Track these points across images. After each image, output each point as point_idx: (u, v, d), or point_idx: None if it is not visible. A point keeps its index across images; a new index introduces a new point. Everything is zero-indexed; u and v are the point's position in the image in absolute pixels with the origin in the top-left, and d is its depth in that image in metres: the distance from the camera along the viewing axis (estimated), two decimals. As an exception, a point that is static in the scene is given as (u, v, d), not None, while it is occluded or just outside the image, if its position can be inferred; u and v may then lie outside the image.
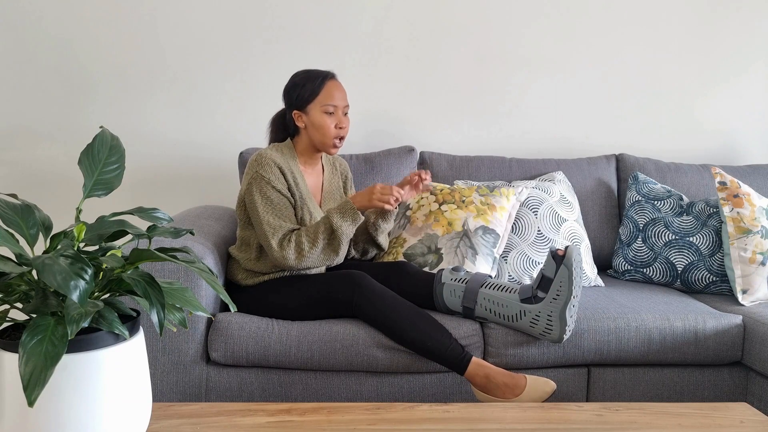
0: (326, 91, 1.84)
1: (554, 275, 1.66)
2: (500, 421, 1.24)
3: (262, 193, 1.78)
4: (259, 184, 1.78)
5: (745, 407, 1.33)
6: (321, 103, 1.84)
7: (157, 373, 1.71)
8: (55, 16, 2.47)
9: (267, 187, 1.78)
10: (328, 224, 1.76)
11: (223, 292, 0.95)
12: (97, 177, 0.99)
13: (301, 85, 1.86)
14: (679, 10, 2.61)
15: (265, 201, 1.77)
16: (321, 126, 1.84)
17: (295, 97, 1.87)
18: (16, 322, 0.94)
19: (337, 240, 1.76)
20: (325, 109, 1.83)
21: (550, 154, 2.62)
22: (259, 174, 1.78)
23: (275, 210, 1.77)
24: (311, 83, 1.85)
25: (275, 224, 1.76)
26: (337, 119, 1.85)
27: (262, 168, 1.79)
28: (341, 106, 1.86)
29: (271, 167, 1.79)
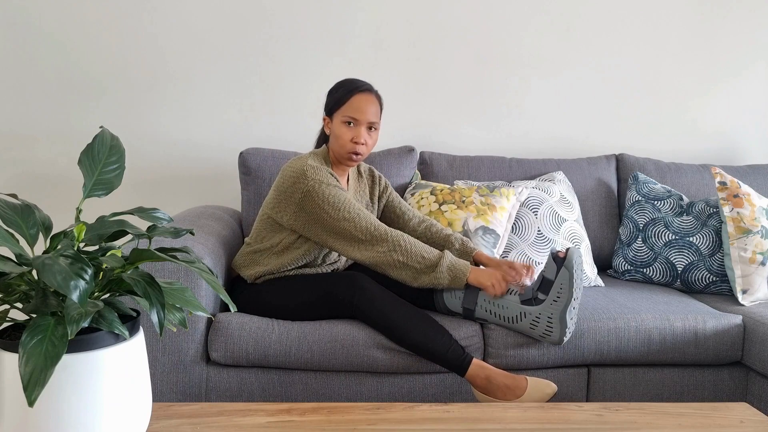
0: (351, 102, 1.79)
1: (555, 277, 1.66)
2: (500, 421, 1.24)
3: (329, 195, 1.74)
4: (320, 190, 1.74)
5: (745, 407, 1.33)
6: (343, 113, 1.80)
7: (157, 373, 1.70)
8: (55, 16, 2.47)
9: (330, 188, 1.74)
10: (435, 262, 1.73)
11: (223, 292, 0.95)
12: (97, 177, 0.99)
13: (335, 90, 1.84)
14: (679, 9, 2.61)
15: (335, 202, 1.73)
16: (338, 136, 1.80)
17: (327, 102, 1.86)
18: (16, 322, 0.94)
19: (428, 281, 1.73)
20: (345, 119, 1.79)
21: (550, 154, 2.62)
22: (317, 180, 1.74)
23: (349, 207, 1.74)
24: (342, 91, 1.82)
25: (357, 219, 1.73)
26: (355, 133, 1.79)
27: (317, 175, 1.75)
28: (364, 121, 1.80)
29: (324, 172, 1.77)
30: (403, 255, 1.72)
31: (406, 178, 2.35)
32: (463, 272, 1.72)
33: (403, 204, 2.03)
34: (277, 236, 1.84)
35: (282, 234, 1.84)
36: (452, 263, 1.73)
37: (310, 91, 2.55)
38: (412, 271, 1.73)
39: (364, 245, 1.73)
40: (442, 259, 1.73)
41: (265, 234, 1.86)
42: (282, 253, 1.84)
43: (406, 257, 1.72)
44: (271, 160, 2.25)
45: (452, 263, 1.73)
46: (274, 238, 1.84)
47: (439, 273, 1.71)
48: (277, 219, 1.83)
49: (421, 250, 1.73)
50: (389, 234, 1.74)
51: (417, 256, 1.72)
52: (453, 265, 1.73)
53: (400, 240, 1.73)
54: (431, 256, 1.73)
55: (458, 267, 1.73)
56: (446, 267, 1.72)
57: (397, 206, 2.01)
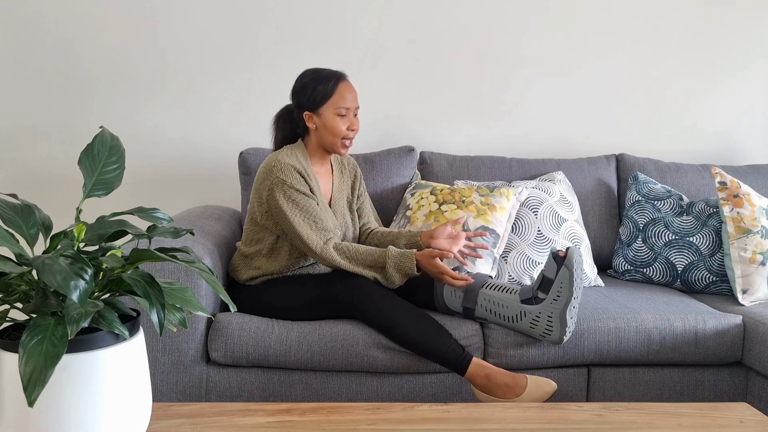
0: (339, 93, 1.82)
1: (555, 276, 1.66)
2: (500, 421, 1.24)
3: (288, 197, 1.76)
4: (282, 189, 1.76)
5: (745, 407, 1.32)
6: (334, 105, 1.81)
7: (157, 373, 1.70)
8: (55, 15, 2.47)
9: (291, 191, 1.76)
10: (381, 265, 1.75)
11: (223, 292, 0.95)
12: (97, 177, 0.99)
13: (312, 86, 1.83)
14: (679, 9, 2.61)
15: (293, 205, 1.76)
16: (333, 128, 1.82)
17: (306, 99, 1.84)
18: (16, 322, 0.94)
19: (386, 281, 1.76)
20: (338, 111, 1.81)
21: (550, 154, 2.62)
22: (280, 179, 1.76)
23: (306, 213, 1.77)
24: (323, 85, 1.82)
25: (310, 230, 1.76)
26: (349, 121, 1.84)
27: (282, 173, 1.77)
28: (353, 108, 1.85)
29: (291, 172, 1.77)
30: (350, 267, 1.75)
31: (406, 178, 2.35)
32: (410, 266, 1.74)
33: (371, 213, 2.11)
34: (261, 238, 1.86)
35: (264, 235, 1.85)
36: (396, 261, 1.74)
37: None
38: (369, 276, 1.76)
39: (317, 256, 1.77)
40: (386, 260, 1.75)
41: (251, 236, 1.88)
42: (270, 256, 1.85)
43: (352, 265, 1.75)
44: (271, 160, 2.25)
45: (396, 261, 1.74)
46: (260, 240, 1.86)
47: (388, 273, 1.74)
48: (255, 218, 1.85)
49: (364, 258, 1.76)
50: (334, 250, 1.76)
51: (362, 265, 1.75)
52: (398, 263, 1.74)
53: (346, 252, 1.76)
54: (375, 261, 1.75)
55: (404, 262, 1.74)
56: (392, 266, 1.74)
57: (365, 214, 2.07)
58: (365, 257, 1.75)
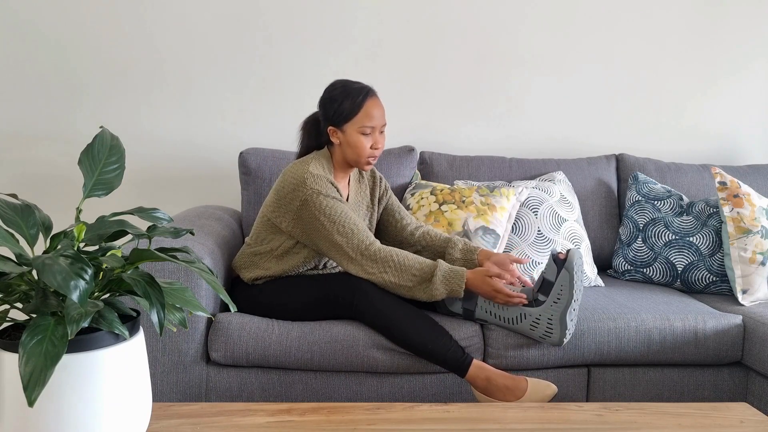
0: (365, 111, 1.76)
1: (555, 279, 1.66)
2: (500, 421, 1.24)
3: (326, 206, 1.72)
4: (318, 200, 1.72)
5: (745, 407, 1.33)
6: (359, 123, 1.76)
7: (157, 373, 1.70)
8: (54, 16, 2.47)
9: (327, 200, 1.72)
10: (427, 275, 1.69)
11: (223, 292, 0.95)
12: (97, 177, 0.99)
13: (339, 101, 1.77)
14: (679, 9, 2.61)
15: (331, 213, 1.71)
16: (356, 146, 1.77)
17: (332, 113, 1.79)
18: (16, 322, 0.94)
19: (424, 294, 1.69)
20: (362, 130, 1.76)
21: (550, 154, 2.62)
22: (315, 190, 1.72)
23: (345, 220, 1.72)
24: (350, 101, 1.76)
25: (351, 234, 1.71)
26: (374, 139, 1.79)
27: (317, 184, 1.73)
28: (379, 126, 1.79)
29: (324, 182, 1.74)
30: (394, 275, 1.69)
31: (406, 178, 2.35)
32: (459, 284, 1.68)
33: (402, 209, 2.02)
34: (276, 240, 1.83)
35: (281, 238, 1.83)
36: (446, 275, 1.68)
37: (310, 91, 2.53)
38: (404, 289, 1.70)
39: (356, 263, 1.72)
40: (435, 272, 1.68)
41: (264, 236, 1.85)
42: (282, 258, 1.83)
43: (397, 277, 1.69)
44: (271, 160, 2.25)
45: (446, 275, 1.68)
46: (273, 241, 1.83)
47: (433, 287, 1.68)
48: (276, 223, 1.82)
49: (412, 267, 1.69)
50: (379, 254, 1.70)
51: (408, 275, 1.69)
52: (447, 278, 1.68)
53: (390, 260, 1.70)
54: (423, 272, 1.69)
55: (453, 279, 1.68)
56: (440, 280, 1.68)
57: (396, 211, 2.00)
58: (412, 266, 1.69)
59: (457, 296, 1.69)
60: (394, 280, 1.69)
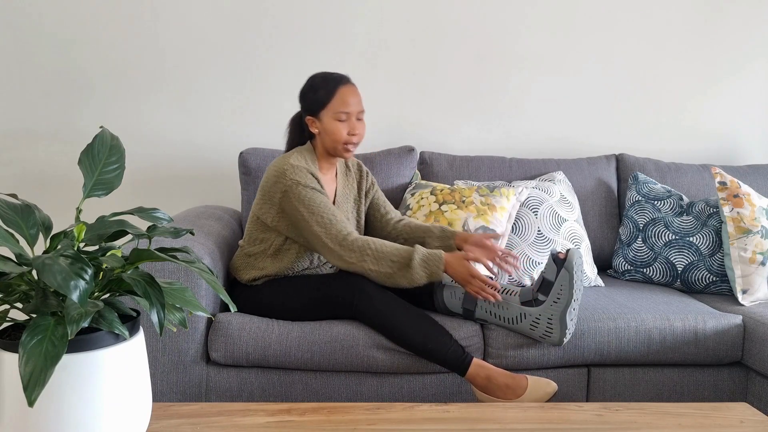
0: (339, 98, 1.79)
1: (555, 278, 1.66)
2: (500, 421, 1.24)
3: (305, 197, 1.74)
4: (297, 190, 1.74)
5: (745, 407, 1.32)
6: (333, 110, 1.79)
7: (157, 373, 1.70)
8: (55, 16, 2.47)
9: (306, 190, 1.74)
10: (406, 261, 1.69)
11: (223, 292, 0.95)
12: (97, 177, 0.99)
13: (315, 89, 1.81)
14: (680, 9, 2.61)
15: (310, 204, 1.73)
16: (332, 132, 1.79)
17: (309, 103, 1.83)
18: (16, 322, 0.94)
19: (405, 280, 1.68)
20: (338, 116, 1.79)
21: (550, 154, 2.62)
22: (294, 180, 1.74)
23: (323, 210, 1.74)
24: (324, 89, 1.80)
25: (329, 224, 1.72)
26: (350, 126, 1.80)
27: (295, 174, 1.75)
28: (354, 112, 1.81)
29: (304, 172, 1.76)
30: (373, 263, 1.70)
31: (406, 178, 2.35)
32: (438, 266, 1.68)
33: (387, 204, 2.05)
34: (268, 239, 1.84)
35: (271, 236, 1.84)
36: (424, 259, 1.68)
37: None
38: (385, 276, 1.71)
39: (334, 253, 1.72)
40: (413, 256, 1.68)
41: (255, 236, 1.86)
42: (275, 257, 1.84)
43: (376, 265, 1.70)
44: (271, 160, 2.25)
45: (424, 259, 1.68)
46: (265, 241, 1.85)
47: (413, 272, 1.67)
48: (263, 219, 1.83)
49: (390, 254, 1.70)
50: (356, 243, 1.71)
51: (386, 261, 1.69)
52: (426, 261, 1.68)
53: (368, 248, 1.70)
54: (401, 258, 1.69)
55: (432, 262, 1.68)
56: (418, 264, 1.67)
57: (381, 205, 2.02)
58: (390, 253, 1.70)
59: (437, 279, 1.69)
60: (374, 268, 1.70)
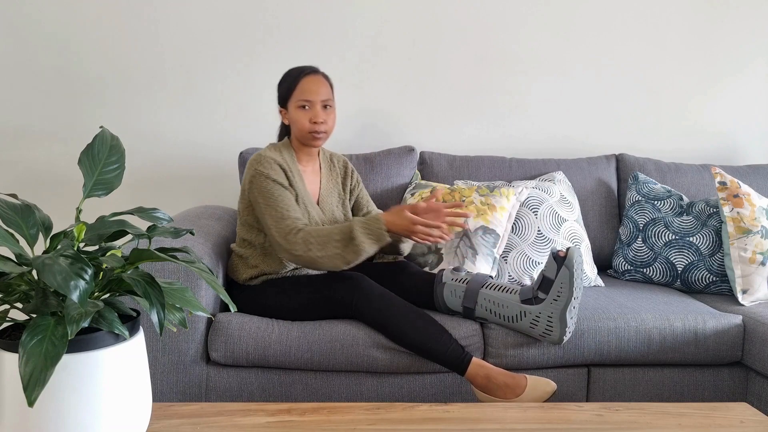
0: (300, 87, 1.85)
1: (555, 276, 1.66)
2: (500, 421, 1.24)
3: (264, 188, 1.78)
4: (259, 180, 1.79)
5: (745, 407, 1.33)
6: (296, 98, 1.85)
7: (157, 373, 1.70)
8: (55, 16, 2.47)
9: (267, 182, 1.78)
10: (348, 235, 1.71)
11: (223, 292, 0.95)
12: (97, 177, 0.99)
13: (282, 83, 1.90)
14: (679, 9, 2.61)
15: (268, 196, 1.78)
16: (296, 121, 1.85)
17: (278, 96, 1.91)
18: (16, 322, 0.94)
19: (354, 254, 1.70)
20: (299, 104, 1.84)
21: (550, 154, 2.62)
22: (258, 171, 1.80)
23: (279, 203, 1.77)
24: (288, 80, 1.88)
25: (280, 218, 1.75)
26: (312, 113, 1.84)
27: (261, 165, 1.80)
28: (317, 101, 1.84)
29: (271, 164, 1.81)
30: (319, 249, 1.71)
31: (406, 178, 2.35)
32: (379, 227, 1.71)
33: (371, 203, 2.09)
34: (255, 238, 1.87)
35: (254, 234, 1.87)
36: (364, 225, 1.71)
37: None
38: (337, 258, 1.71)
39: (282, 246, 1.74)
40: (353, 227, 1.71)
41: (244, 236, 1.89)
42: (267, 255, 1.86)
43: (322, 250, 1.70)
44: (271, 160, 2.25)
45: (364, 225, 1.71)
46: (252, 241, 1.87)
47: (358, 242, 1.69)
48: (244, 216, 1.88)
49: (331, 234, 1.72)
50: (299, 234, 1.72)
51: (331, 243, 1.71)
52: (366, 227, 1.71)
53: (310, 237, 1.72)
54: (343, 234, 1.71)
55: (372, 225, 1.71)
56: (360, 232, 1.70)
57: (365, 205, 2.06)
58: (332, 233, 1.72)
59: (384, 242, 1.72)
60: (322, 254, 1.70)
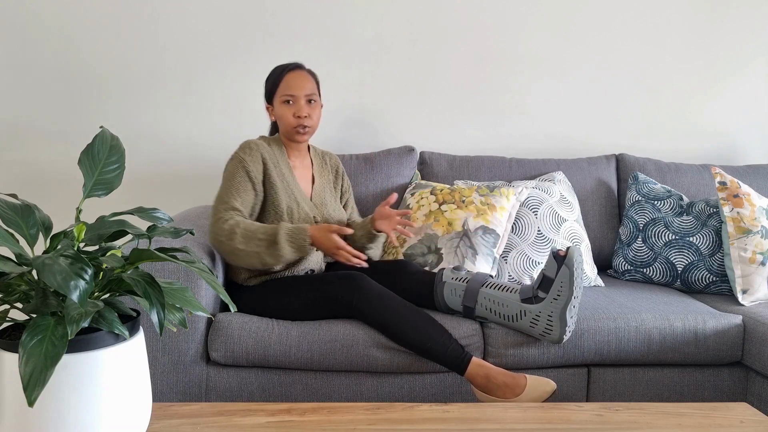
0: (285, 82, 1.88)
1: (555, 275, 1.66)
2: (500, 421, 1.24)
3: (231, 170, 1.81)
4: (232, 162, 1.83)
5: (745, 407, 1.32)
6: (280, 93, 1.88)
7: (157, 373, 1.70)
8: (55, 16, 2.47)
9: (238, 167, 1.81)
10: (272, 238, 1.72)
11: (223, 292, 0.95)
12: (97, 177, 0.99)
13: (267, 79, 1.93)
14: (679, 9, 2.61)
15: (229, 178, 1.81)
16: (281, 116, 1.89)
17: (265, 92, 1.94)
18: (16, 322, 0.94)
19: (273, 258, 1.73)
20: (284, 99, 1.87)
21: (550, 154, 2.62)
22: (237, 154, 1.84)
23: (232, 189, 1.79)
24: (273, 76, 1.91)
25: (223, 201, 1.78)
26: (296, 108, 1.86)
27: (242, 150, 1.84)
28: (301, 96, 1.87)
29: (253, 151, 1.83)
30: (242, 243, 1.71)
31: (406, 178, 2.35)
32: (303, 239, 1.73)
33: (354, 212, 2.12)
34: None
35: None
36: (289, 234, 1.73)
37: (310, 91, 2.55)
38: (255, 257, 1.72)
39: (211, 227, 1.75)
40: (278, 232, 1.72)
41: None
42: None
43: (245, 244, 1.71)
44: (271, 160, 2.25)
45: (289, 234, 1.73)
46: None
47: (280, 248, 1.71)
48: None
49: (257, 232, 1.73)
50: (228, 222, 1.73)
51: (254, 240, 1.72)
52: (291, 236, 1.73)
53: (237, 228, 1.72)
54: (267, 236, 1.72)
55: (297, 236, 1.73)
56: (284, 239, 1.71)
57: (349, 214, 2.09)
58: (257, 231, 1.73)
59: (305, 253, 1.75)
60: (243, 247, 1.71)
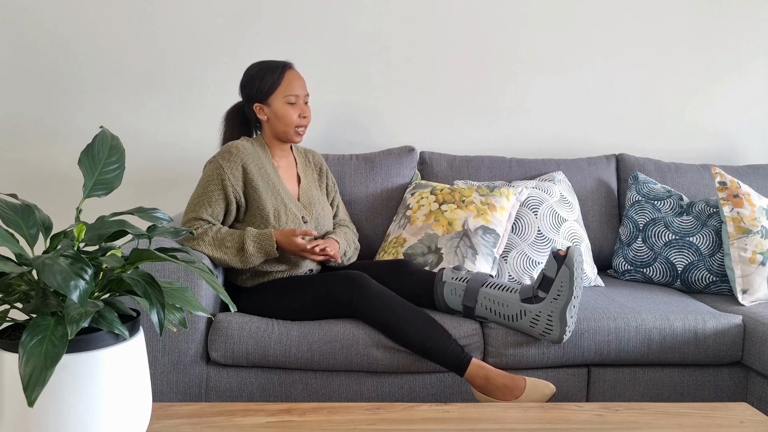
0: (287, 82, 1.87)
1: (555, 275, 1.66)
2: (500, 421, 1.24)
3: (209, 176, 1.80)
4: (211, 166, 1.81)
5: (745, 407, 1.33)
6: (283, 94, 1.86)
7: (157, 373, 1.71)
8: (55, 15, 2.47)
9: (214, 175, 1.80)
10: (240, 245, 1.75)
11: (223, 292, 0.95)
12: (97, 177, 0.99)
13: (260, 77, 1.88)
14: (679, 8, 2.61)
15: (204, 185, 1.80)
16: (284, 116, 1.87)
17: (255, 91, 1.89)
18: (16, 322, 0.94)
19: (243, 263, 1.76)
20: (288, 99, 1.86)
21: (550, 154, 2.62)
22: (216, 159, 1.82)
23: (203, 198, 1.79)
24: (270, 75, 1.87)
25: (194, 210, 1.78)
26: (300, 108, 1.88)
27: (222, 156, 1.82)
28: (302, 96, 1.89)
29: (233, 157, 1.81)
30: (210, 249, 1.75)
31: (406, 178, 2.35)
32: (270, 244, 1.75)
33: (341, 212, 2.12)
34: None
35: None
36: (255, 239, 1.75)
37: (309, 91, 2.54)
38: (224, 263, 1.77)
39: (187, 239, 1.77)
40: (245, 238, 1.74)
41: None
42: None
43: (214, 250, 1.75)
44: (271, 160, 2.25)
45: (255, 239, 1.75)
46: None
47: (248, 253, 1.74)
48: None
49: (225, 239, 1.76)
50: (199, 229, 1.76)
51: (223, 247, 1.75)
52: (257, 241, 1.75)
53: (206, 235, 1.75)
54: (235, 242, 1.75)
55: (263, 241, 1.75)
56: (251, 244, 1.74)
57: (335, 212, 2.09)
58: (225, 239, 1.76)
59: (273, 257, 1.77)
60: (212, 254, 1.75)
